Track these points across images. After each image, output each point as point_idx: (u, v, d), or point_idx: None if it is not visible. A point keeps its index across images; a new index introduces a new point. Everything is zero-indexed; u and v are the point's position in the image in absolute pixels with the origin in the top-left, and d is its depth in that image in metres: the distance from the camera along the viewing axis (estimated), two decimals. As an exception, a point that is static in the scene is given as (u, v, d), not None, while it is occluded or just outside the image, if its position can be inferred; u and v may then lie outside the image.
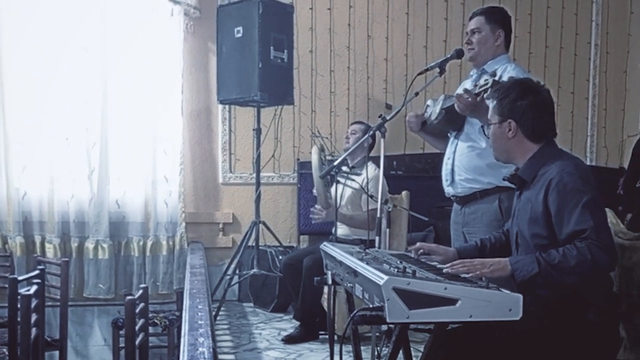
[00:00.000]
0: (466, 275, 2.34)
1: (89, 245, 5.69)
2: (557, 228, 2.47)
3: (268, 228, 5.41)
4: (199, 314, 3.65)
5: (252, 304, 5.76)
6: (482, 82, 3.20)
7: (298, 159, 6.10)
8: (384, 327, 3.86)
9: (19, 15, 5.54)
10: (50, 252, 5.60)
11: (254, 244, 5.32)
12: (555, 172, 2.50)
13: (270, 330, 4.96)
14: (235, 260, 5.39)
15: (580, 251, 2.36)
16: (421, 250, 2.80)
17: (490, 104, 2.78)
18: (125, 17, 5.71)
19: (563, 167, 2.51)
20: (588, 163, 6.39)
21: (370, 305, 2.16)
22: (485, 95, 3.12)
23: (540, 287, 2.42)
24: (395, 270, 2.25)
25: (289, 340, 4.61)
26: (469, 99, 3.22)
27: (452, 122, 3.59)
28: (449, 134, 3.74)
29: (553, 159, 2.60)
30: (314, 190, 4.78)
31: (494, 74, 3.17)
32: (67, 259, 5.09)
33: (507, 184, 3.15)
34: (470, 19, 3.68)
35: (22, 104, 5.59)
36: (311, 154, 4.66)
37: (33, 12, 5.56)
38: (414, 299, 2.04)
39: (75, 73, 5.64)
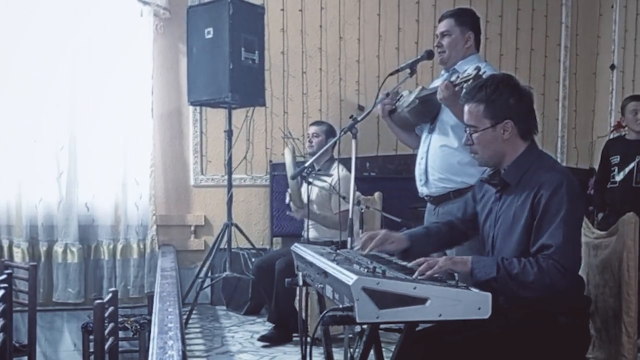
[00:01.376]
0: (429, 272, 2.31)
1: (58, 249, 5.61)
2: (533, 239, 2.44)
3: (240, 230, 5.38)
4: (169, 317, 3.62)
5: (224, 307, 5.71)
6: (464, 74, 3.21)
7: (270, 161, 6.06)
8: (357, 329, 3.85)
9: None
10: (18, 257, 5.51)
11: (226, 247, 5.28)
12: (543, 181, 2.45)
13: (244, 333, 4.92)
14: (207, 263, 5.33)
15: (541, 270, 2.34)
16: (370, 245, 2.65)
17: (473, 107, 2.58)
18: (94, 18, 5.63)
19: (551, 179, 2.45)
20: (559, 164, 6.45)
21: (341, 306, 2.14)
22: (465, 86, 3.12)
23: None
24: (365, 270, 2.23)
25: (264, 339, 4.58)
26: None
27: (422, 114, 3.60)
28: (416, 131, 3.75)
29: (538, 165, 2.55)
30: (288, 191, 4.75)
31: (477, 68, 3.17)
32: (35, 263, 5.00)
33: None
34: (440, 21, 3.69)
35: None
36: (284, 155, 4.64)
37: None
38: (383, 299, 2.03)
39: (43, 75, 5.55)
